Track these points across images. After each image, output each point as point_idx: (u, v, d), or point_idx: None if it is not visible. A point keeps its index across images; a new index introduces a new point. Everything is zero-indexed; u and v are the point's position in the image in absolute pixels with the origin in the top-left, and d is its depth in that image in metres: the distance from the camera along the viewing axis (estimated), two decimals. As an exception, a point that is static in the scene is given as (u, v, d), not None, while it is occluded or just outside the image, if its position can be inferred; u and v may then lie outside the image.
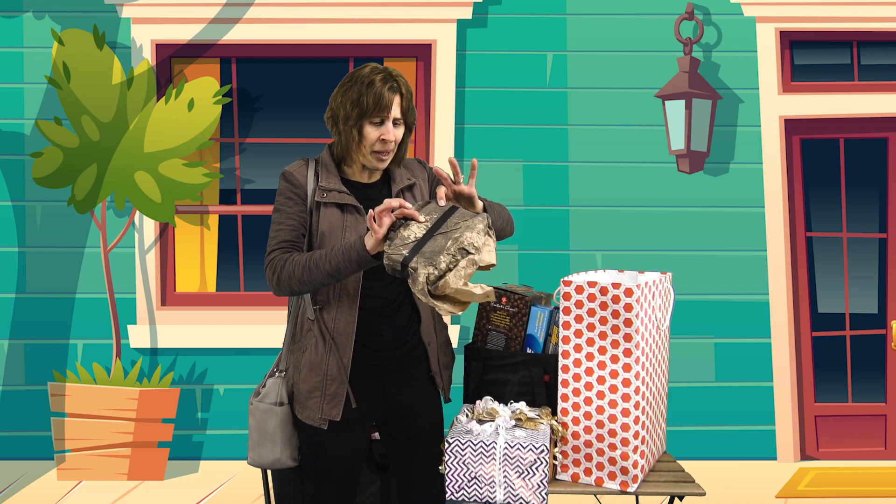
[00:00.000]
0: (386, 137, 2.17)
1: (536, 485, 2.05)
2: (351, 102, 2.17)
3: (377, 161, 2.21)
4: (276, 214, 2.24)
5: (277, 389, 2.26)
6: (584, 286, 2.21)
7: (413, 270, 1.99)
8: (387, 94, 2.15)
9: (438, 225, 2.06)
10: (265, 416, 2.24)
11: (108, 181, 4.21)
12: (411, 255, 2.00)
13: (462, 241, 2.01)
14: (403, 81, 2.20)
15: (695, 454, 4.41)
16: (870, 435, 4.56)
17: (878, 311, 4.58)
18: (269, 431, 2.24)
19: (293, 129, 4.59)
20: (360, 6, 4.42)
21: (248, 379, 4.43)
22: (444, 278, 1.98)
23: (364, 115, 2.16)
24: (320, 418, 2.21)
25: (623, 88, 4.47)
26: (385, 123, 2.18)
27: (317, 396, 2.21)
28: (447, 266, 1.99)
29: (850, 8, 4.41)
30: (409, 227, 2.05)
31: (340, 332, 2.20)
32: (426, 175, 2.39)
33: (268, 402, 2.25)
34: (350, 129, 2.18)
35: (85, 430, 4.08)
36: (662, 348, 2.44)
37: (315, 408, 2.21)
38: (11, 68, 4.42)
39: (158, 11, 4.41)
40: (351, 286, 2.20)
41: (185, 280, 4.58)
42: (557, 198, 4.46)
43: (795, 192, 4.54)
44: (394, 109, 2.17)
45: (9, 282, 4.44)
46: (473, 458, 2.08)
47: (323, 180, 2.22)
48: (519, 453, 2.06)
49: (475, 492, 2.08)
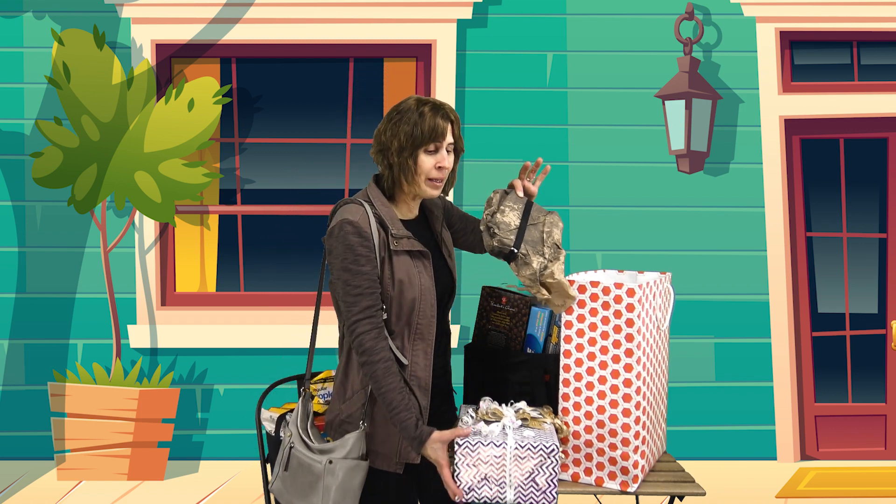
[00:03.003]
0: (442, 165, 2.19)
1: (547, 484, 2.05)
2: (405, 134, 2.17)
3: (432, 189, 2.21)
4: (353, 275, 2.10)
5: (359, 443, 2.13)
6: (585, 286, 2.21)
7: (524, 256, 2.20)
8: (441, 123, 2.18)
9: (526, 216, 2.26)
10: (352, 474, 2.10)
11: (108, 181, 4.21)
12: (519, 241, 2.21)
13: (554, 237, 2.24)
14: (451, 109, 2.23)
15: (695, 454, 4.41)
16: (870, 435, 4.56)
17: (878, 311, 4.58)
18: (352, 488, 2.10)
19: (293, 129, 4.59)
20: (360, 6, 4.42)
21: (249, 379, 4.43)
22: (551, 269, 2.20)
23: (419, 145, 2.17)
24: (396, 462, 2.15)
25: (623, 88, 4.47)
26: (440, 151, 2.19)
27: (394, 440, 2.15)
28: (549, 257, 2.22)
29: (850, 8, 4.41)
30: (506, 214, 2.24)
31: (416, 376, 2.17)
32: (442, 203, 2.43)
33: (352, 457, 2.11)
34: (405, 160, 2.17)
35: (85, 430, 4.08)
36: (662, 348, 2.44)
37: (392, 453, 2.15)
38: (11, 68, 4.42)
39: (158, 11, 4.41)
40: (426, 331, 2.18)
41: (185, 280, 4.58)
42: (557, 198, 4.46)
43: (795, 192, 4.54)
44: (448, 137, 2.20)
45: (9, 282, 4.44)
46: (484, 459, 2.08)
47: (392, 227, 2.18)
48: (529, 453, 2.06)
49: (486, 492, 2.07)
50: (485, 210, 2.28)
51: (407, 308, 2.15)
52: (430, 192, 2.22)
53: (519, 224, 2.24)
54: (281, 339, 4.38)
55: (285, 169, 4.59)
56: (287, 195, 4.58)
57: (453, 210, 2.48)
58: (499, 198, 2.28)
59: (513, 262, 2.22)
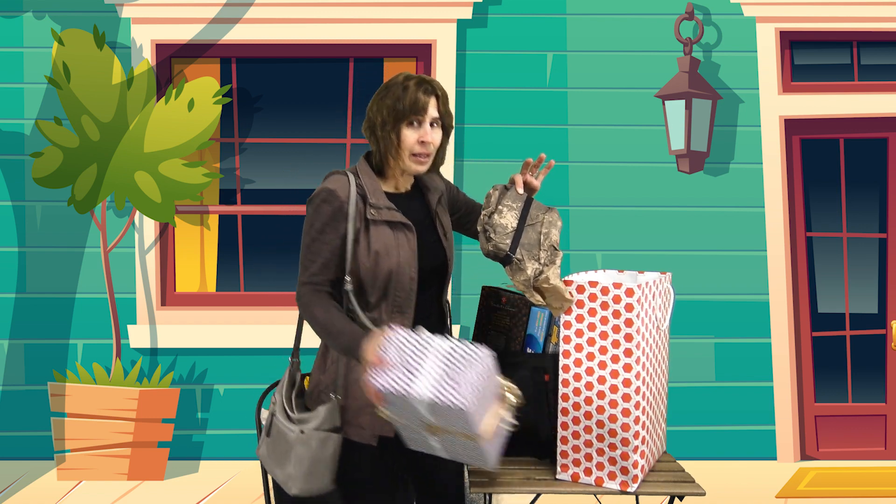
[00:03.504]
0: (424, 139, 2.19)
1: (468, 386, 1.89)
2: (387, 108, 2.19)
3: (417, 164, 2.21)
4: (312, 240, 2.15)
5: (331, 415, 2.15)
6: (584, 286, 2.22)
7: (519, 262, 2.18)
8: (422, 97, 2.18)
9: (524, 216, 2.23)
10: (323, 445, 2.13)
11: (108, 181, 4.21)
12: (514, 245, 2.19)
13: (551, 239, 2.22)
14: (438, 85, 2.24)
15: (695, 454, 4.41)
16: (870, 435, 4.56)
17: (878, 311, 4.58)
18: (324, 459, 2.14)
19: (293, 129, 4.59)
20: (360, 6, 4.43)
21: (249, 379, 4.43)
22: (546, 273, 2.19)
23: (401, 119, 2.18)
24: (371, 434, 2.16)
25: (623, 88, 4.47)
26: (422, 125, 2.19)
27: (368, 413, 2.15)
28: (545, 262, 2.20)
29: (850, 8, 4.41)
30: (504, 216, 2.21)
31: None
32: (444, 186, 2.41)
33: (324, 428, 2.14)
34: (388, 134, 2.19)
35: (85, 430, 4.08)
36: (662, 348, 2.44)
37: (367, 424, 2.16)
38: (11, 68, 4.42)
39: (158, 11, 4.41)
40: (404, 304, 2.18)
41: (185, 280, 4.58)
42: (557, 198, 4.46)
43: (795, 192, 4.54)
44: (430, 110, 2.20)
45: (9, 282, 4.44)
46: (405, 346, 1.97)
47: (371, 197, 2.19)
48: (462, 353, 1.92)
49: (398, 378, 1.94)
50: (483, 208, 2.27)
51: (383, 279, 2.15)
52: (415, 167, 2.22)
53: (516, 226, 2.21)
54: (281, 339, 4.38)
55: (285, 169, 4.59)
56: (287, 195, 4.58)
57: (459, 195, 2.47)
58: (497, 195, 2.26)
59: (508, 265, 2.21)
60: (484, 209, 2.26)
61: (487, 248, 2.22)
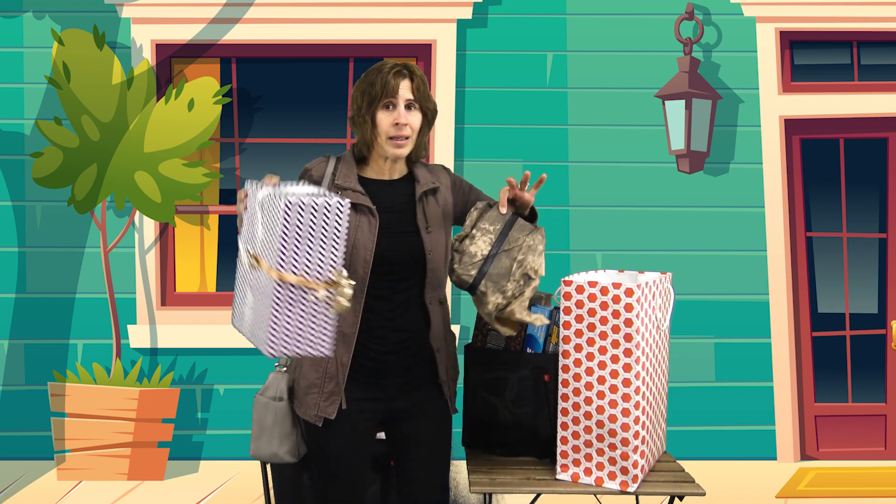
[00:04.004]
0: (398, 121, 2.19)
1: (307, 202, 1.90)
2: (362, 93, 2.22)
3: (395, 148, 2.21)
4: None
5: (277, 384, 2.28)
6: (584, 286, 2.21)
7: (482, 294, 2.11)
8: (393, 79, 2.19)
9: (501, 240, 2.13)
10: (265, 410, 2.26)
11: (108, 181, 4.21)
12: (479, 276, 2.11)
13: (525, 266, 2.12)
14: (415, 69, 2.24)
15: (695, 454, 4.41)
16: (870, 435, 4.56)
17: (878, 311, 4.58)
18: (266, 426, 2.26)
19: (293, 129, 4.59)
20: (360, 6, 4.43)
21: (248, 379, 4.43)
22: (511, 307, 2.11)
23: (374, 102, 2.20)
24: (315, 415, 2.22)
25: (623, 88, 4.47)
26: (396, 108, 2.20)
27: (315, 393, 2.22)
28: (513, 293, 2.11)
29: (850, 8, 4.41)
30: (476, 242, 2.13)
31: (343, 332, 2.19)
32: (450, 182, 2.38)
33: (267, 396, 2.27)
34: (365, 118, 2.22)
35: (85, 430, 4.08)
36: (662, 348, 2.44)
37: (312, 404, 2.22)
38: (11, 68, 4.42)
39: (158, 11, 4.41)
40: (357, 287, 2.18)
41: (185, 280, 4.58)
42: (557, 198, 4.46)
43: (795, 192, 4.54)
44: (402, 92, 2.20)
45: (9, 282, 4.44)
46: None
47: (340, 178, 2.23)
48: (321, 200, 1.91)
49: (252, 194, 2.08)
50: (462, 227, 2.20)
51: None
52: (393, 150, 2.22)
53: (487, 254, 2.12)
54: (281, 339, 4.38)
55: (285, 169, 4.59)
56: (287, 195, 4.57)
57: (471, 194, 2.40)
58: (476, 216, 2.18)
59: (473, 295, 2.15)
60: (462, 230, 2.19)
61: (451, 278, 2.17)
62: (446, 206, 2.33)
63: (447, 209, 2.33)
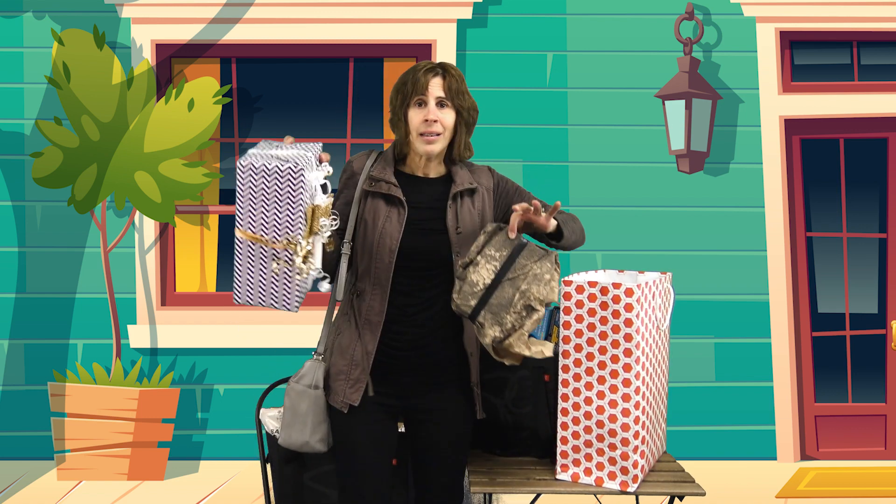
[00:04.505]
0: (428, 117, 2.21)
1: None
2: (396, 91, 2.27)
3: (426, 144, 2.23)
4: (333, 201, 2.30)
5: (314, 372, 2.28)
6: (584, 286, 2.21)
7: (480, 326, 2.07)
8: (423, 77, 2.23)
9: (507, 268, 2.07)
10: (299, 398, 2.26)
11: (108, 181, 4.21)
12: (479, 307, 2.07)
13: (528, 297, 2.06)
14: (451, 67, 2.26)
15: (695, 454, 4.40)
16: (870, 435, 4.56)
17: (878, 311, 4.58)
18: (300, 413, 2.26)
19: (293, 129, 4.59)
20: (360, 6, 4.42)
21: (249, 379, 4.43)
22: (509, 339, 2.06)
23: (406, 100, 2.24)
24: (342, 401, 2.24)
25: (623, 88, 4.47)
26: (427, 105, 2.22)
27: (342, 380, 2.24)
28: (512, 326, 2.06)
29: (850, 8, 4.41)
30: (479, 271, 2.08)
31: (369, 320, 2.23)
32: (492, 184, 2.36)
33: (303, 384, 2.27)
34: (398, 116, 2.27)
35: (85, 430, 4.08)
36: (662, 348, 2.44)
37: (339, 391, 2.24)
38: (11, 68, 4.42)
39: (158, 11, 4.41)
40: (383, 277, 2.22)
41: (185, 280, 4.58)
42: (557, 198, 4.46)
43: (795, 192, 4.54)
44: (433, 90, 2.22)
45: (9, 282, 4.44)
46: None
47: (375, 171, 2.27)
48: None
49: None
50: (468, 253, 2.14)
51: (367, 248, 2.23)
52: (424, 147, 2.24)
53: (489, 283, 2.06)
54: (281, 339, 4.38)
55: (285, 169, 4.58)
56: (287, 195, 4.57)
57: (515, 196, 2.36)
58: (483, 240, 2.13)
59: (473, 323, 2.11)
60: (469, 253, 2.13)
61: (451, 306, 2.13)
62: (483, 209, 2.30)
63: (485, 211, 2.30)
